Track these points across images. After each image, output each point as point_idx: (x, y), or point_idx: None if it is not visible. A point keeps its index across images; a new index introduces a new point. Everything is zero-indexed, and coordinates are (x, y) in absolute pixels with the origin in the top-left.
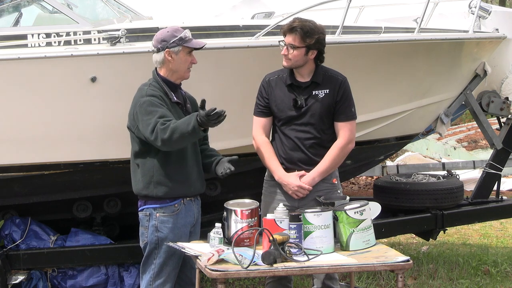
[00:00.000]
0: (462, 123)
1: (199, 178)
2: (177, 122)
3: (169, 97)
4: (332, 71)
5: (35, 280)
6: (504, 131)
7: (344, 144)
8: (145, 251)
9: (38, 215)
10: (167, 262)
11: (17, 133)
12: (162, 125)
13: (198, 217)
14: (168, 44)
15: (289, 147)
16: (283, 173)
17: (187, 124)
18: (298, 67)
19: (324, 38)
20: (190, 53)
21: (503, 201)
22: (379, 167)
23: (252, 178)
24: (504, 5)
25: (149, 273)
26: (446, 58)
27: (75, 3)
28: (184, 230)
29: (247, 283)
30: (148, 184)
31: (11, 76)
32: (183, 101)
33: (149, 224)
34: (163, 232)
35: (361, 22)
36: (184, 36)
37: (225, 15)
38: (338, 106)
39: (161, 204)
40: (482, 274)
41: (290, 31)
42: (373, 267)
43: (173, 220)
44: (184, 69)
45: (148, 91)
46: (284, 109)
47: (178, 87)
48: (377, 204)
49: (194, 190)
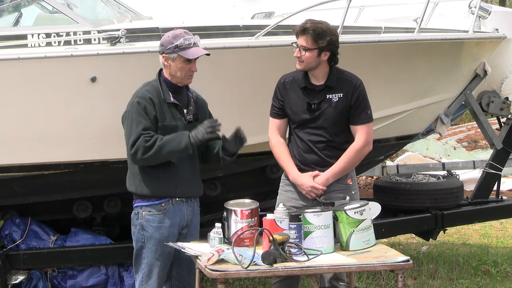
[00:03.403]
0: (462, 123)
1: (191, 181)
2: (165, 139)
3: (164, 97)
4: (347, 74)
5: (35, 280)
6: (504, 131)
7: (361, 147)
8: (134, 250)
9: (38, 215)
10: (155, 262)
11: (17, 133)
12: (146, 142)
13: (191, 219)
14: (165, 49)
15: (303, 149)
16: (297, 174)
17: (178, 142)
18: (312, 69)
19: (337, 39)
20: (189, 60)
21: (503, 201)
22: (379, 167)
23: (252, 178)
24: (504, 5)
25: (140, 272)
26: (446, 58)
27: (75, 3)
28: (172, 230)
29: (247, 283)
30: (135, 181)
31: (11, 76)
32: (186, 102)
33: (137, 222)
34: (148, 231)
35: (361, 22)
36: (180, 44)
37: (225, 15)
38: (353, 110)
39: (147, 202)
40: (482, 274)
41: (302, 32)
42: (373, 267)
43: (158, 220)
44: (182, 76)
45: (140, 92)
46: (298, 112)
47: (181, 88)
48: (377, 204)
49: (182, 192)
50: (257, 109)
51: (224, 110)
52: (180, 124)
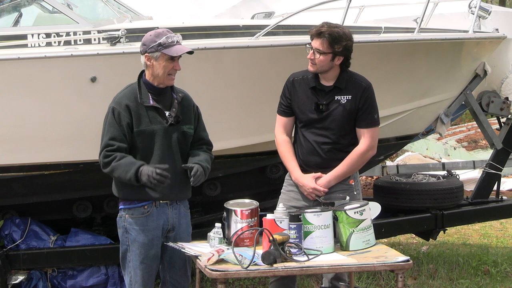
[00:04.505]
0: (462, 123)
1: (173, 184)
2: (119, 162)
3: (142, 101)
4: (356, 76)
5: (35, 280)
6: (504, 131)
7: (364, 151)
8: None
9: (38, 215)
10: (139, 265)
11: (17, 133)
12: (104, 158)
13: (178, 222)
14: (147, 48)
15: (307, 150)
16: (299, 174)
17: (126, 171)
18: (324, 72)
19: (351, 45)
20: (172, 59)
21: (503, 201)
22: (379, 167)
23: (252, 178)
24: (504, 5)
25: (128, 275)
26: (446, 58)
27: (75, 3)
28: (156, 233)
29: (247, 283)
30: (117, 184)
31: (11, 76)
32: (169, 105)
33: (121, 225)
34: (132, 234)
35: (361, 22)
36: (163, 42)
37: (225, 15)
38: (360, 113)
39: (129, 205)
40: (482, 274)
41: (318, 35)
42: (373, 267)
43: (141, 222)
44: (164, 75)
45: (118, 98)
46: (306, 112)
47: (162, 90)
48: (377, 204)
49: (163, 196)
50: (257, 109)
51: (223, 110)
52: (158, 127)
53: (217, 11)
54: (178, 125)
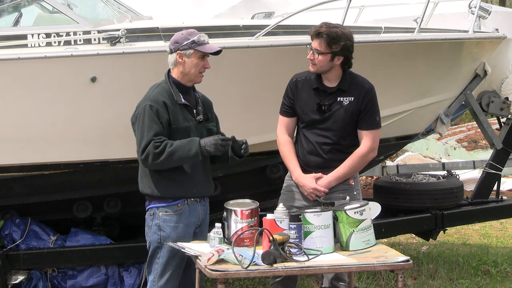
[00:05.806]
0: (462, 123)
1: (205, 180)
2: (174, 146)
3: (176, 99)
4: (359, 78)
5: (35, 280)
6: (504, 131)
7: (365, 153)
8: (149, 250)
9: (38, 215)
10: (170, 262)
11: (17, 133)
12: (156, 148)
13: (204, 218)
14: (180, 46)
15: (307, 150)
16: (300, 174)
17: (188, 149)
18: (324, 72)
19: (351, 44)
20: (203, 57)
21: (503, 201)
22: (379, 167)
23: (252, 178)
24: (504, 5)
25: (153, 273)
26: (446, 58)
27: (75, 3)
28: (188, 230)
29: (247, 283)
30: (149, 183)
31: (11, 76)
32: (195, 103)
33: (152, 223)
34: (166, 231)
35: (361, 22)
36: (197, 39)
37: (225, 15)
38: (362, 115)
39: (164, 203)
40: (482, 274)
41: (316, 36)
42: (373, 267)
43: (175, 220)
44: (195, 73)
45: (152, 95)
46: (308, 112)
47: (189, 89)
48: (377, 204)
49: (198, 192)
50: (257, 109)
51: (224, 110)
52: (192, 124)
53: (217, 11)
54: (206, 122)
